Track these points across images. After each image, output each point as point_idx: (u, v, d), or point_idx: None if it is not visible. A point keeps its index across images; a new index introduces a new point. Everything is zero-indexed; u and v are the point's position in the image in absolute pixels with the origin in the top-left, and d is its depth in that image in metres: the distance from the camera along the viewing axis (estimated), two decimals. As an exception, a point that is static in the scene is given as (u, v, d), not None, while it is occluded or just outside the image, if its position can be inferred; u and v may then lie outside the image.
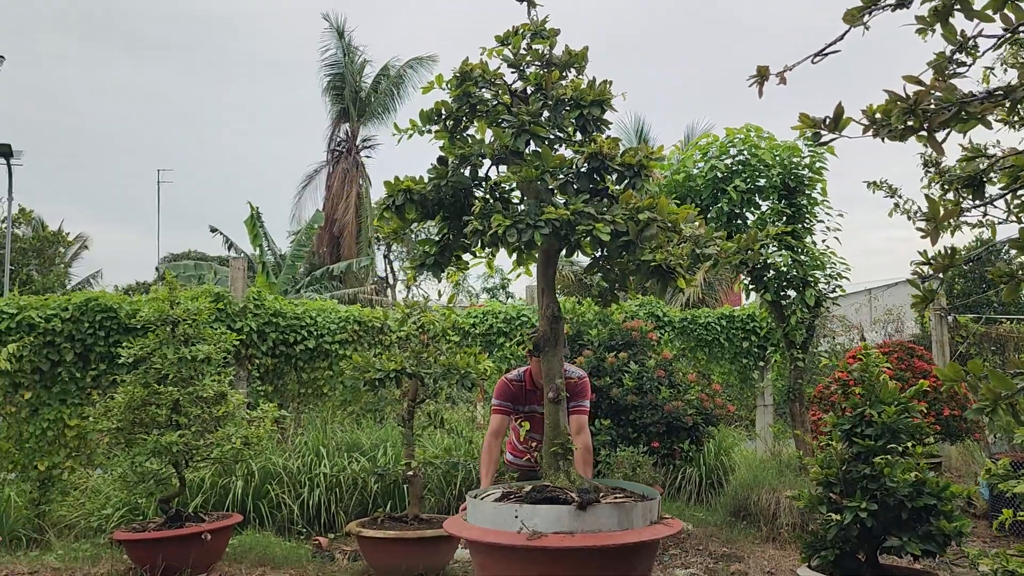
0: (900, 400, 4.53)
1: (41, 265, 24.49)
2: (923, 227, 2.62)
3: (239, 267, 8.39)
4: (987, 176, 3.10)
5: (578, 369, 4.84)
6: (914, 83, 2.57)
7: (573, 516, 3.09)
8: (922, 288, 2.72)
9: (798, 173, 7.71)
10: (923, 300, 2.73)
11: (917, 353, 8.67)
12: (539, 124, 3.38)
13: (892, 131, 2.47)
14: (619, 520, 3.07)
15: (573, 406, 4.59)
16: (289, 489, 6.91)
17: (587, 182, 3.42)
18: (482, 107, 3.55)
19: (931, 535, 4.21)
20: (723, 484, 8.16)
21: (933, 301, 2.75)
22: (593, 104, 3.56)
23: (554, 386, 3.40)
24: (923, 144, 2.53)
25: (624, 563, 3.08)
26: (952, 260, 2.58)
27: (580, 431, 4.52)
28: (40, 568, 5.83)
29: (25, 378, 7.25)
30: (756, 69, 2.34)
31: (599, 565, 3.05)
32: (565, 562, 3.06)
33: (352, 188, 27.55)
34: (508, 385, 4.66)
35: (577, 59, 3.67)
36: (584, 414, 4.63)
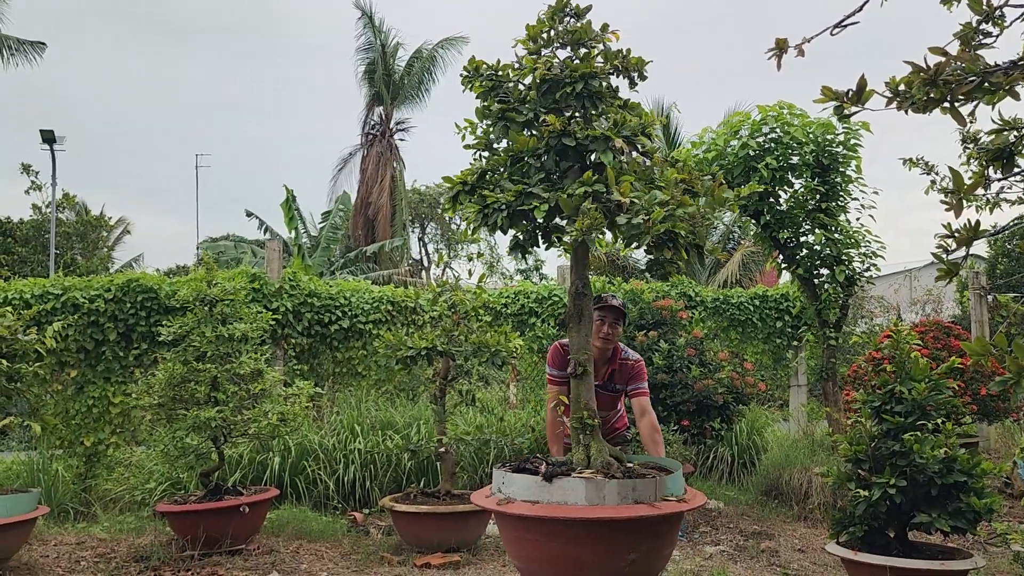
0: (931, 377, 4.51)
1: (85, 249, 25.03)
2: (946, 200, 2.61)
3: (274, 248, 8.54)
4: (1018, 149, 3.07)
5: (635, 352, 4.83)
6: (939, 54, 2.56)
7: (540, 487, 3.19)
8: (946, 261, 2.71)
9: (831, 151, 7.62)
10: (947, 273, 2.73)
11: (954, 332, 8.54)
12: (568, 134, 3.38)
13: (915, 103, 2.47)
14: (587, 495, 3.10)
15: (632, 389, 4.62)
16: (325, 465, 7.06)
17: (553, 161, 3.44)
18: (512, 117, 3.58)
19: (961, 512, 4.20)
20: (755, 463, 8.16)
21: (957, 274, 2.74)
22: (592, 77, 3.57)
23: (575, 361, 3.44)
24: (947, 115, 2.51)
25: (593, 536, 3.10)
26: (976, 233, 2.57)
27: (644, 413, 4.53)
28: (87, 539, 6.05)
29: (71, 357, 7.48)
30: (775, 42, 2.34)
31: (565, 536, 3.12)
32: (531, 529, 3.19)
33: (386, 171, 27.70)
34: (560, 350, 4.59)
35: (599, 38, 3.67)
36: (645, 396, 4.63)
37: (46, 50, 22.42)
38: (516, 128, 3.51)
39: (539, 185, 3.34)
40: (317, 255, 20.82)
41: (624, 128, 3.32)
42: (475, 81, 3.68)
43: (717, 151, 7.61)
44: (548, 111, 3.50)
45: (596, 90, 3.46)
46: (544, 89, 3.52)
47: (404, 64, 28.29)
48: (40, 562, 5.39)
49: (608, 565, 3.08)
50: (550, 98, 3.53)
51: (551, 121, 3.33)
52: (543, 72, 3.49)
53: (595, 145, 3.29)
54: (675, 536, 3.37)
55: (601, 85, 3.48)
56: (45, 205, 24.20)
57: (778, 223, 7.68)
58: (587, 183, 3.17)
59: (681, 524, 3.49)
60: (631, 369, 4.61)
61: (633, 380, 4.60)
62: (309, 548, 5.84)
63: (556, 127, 3.34)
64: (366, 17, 27.36)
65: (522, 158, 3.48)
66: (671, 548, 3.38)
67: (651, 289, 8.06)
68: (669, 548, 3.33)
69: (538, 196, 3.29)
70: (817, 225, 7.70)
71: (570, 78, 3.48)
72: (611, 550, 3.08)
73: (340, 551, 5.79)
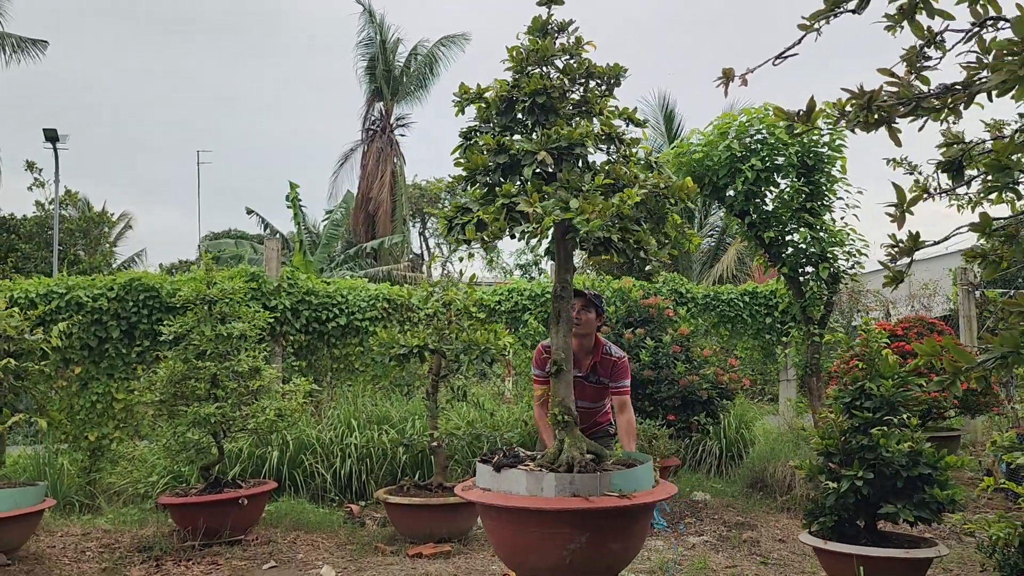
0: (899, 374, 4.70)
1: (87, 245, 25.25)
2: (891, 212, 2.81)
3: (273, 247, 8.74)
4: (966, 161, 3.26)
5: (619, 349, 5.02)
6: (886, 74, 2.76)
7: (492, 476, 3.48)
8: (892, 268, 2.90)
9: (816, 151, 7.81)
10: (893, 280, 2.92)
11: (938, 328, 8.73)
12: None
13: (859, 123, 2.66)
14: (527, 486, 3.35)
15: (615, 386, 4.84)
16: (322, 459, 7.28)
17: (497, 177, 3.69)
18: (474, 138, 3.81)
19: (925, 503, 4.40)
20: (742, 457, 8.37)
21: (902, 281, 2.93)
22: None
23: (552, 360, 3.65)
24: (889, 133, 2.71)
25: (531, 525, 3.33)
26: (916, 244, 2.77)
27: (623, 410, 4.76)
28: (92, 530, 6.28)
29: (75, 354, 7.69)
30: (722, 71, 2.53)
31: (512, 523, 3.41)
32: (486, 514, 3.55)
33: (387, 167, 27.89)
34: (543, 352, 4.81)
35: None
36: (626, 393, 4.85)
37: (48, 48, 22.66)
38: (476, 148, 3.73)
39: (479, 200, 3.56)
40: (318, 251, 21.03)
41: (559, 140, 3.52)
42: (464, 106, 3.89)
43: (704, 153, 7.80)
44: (504, 129, 3.72)
45: (545, 104, 3.66)
46: (503, 108, 3.74)
47: (404, 60, 28.46)
48: (47, 552, 5.62)
49: (550, 553, 3.28)
50: (510, 115, 3.74)
51: (486, 140, 3.57)
52: (499, 92, 3.71)
53: (525, 159, 3.51)
54: (630, 531, 3.45)
55: (550, 99, 3.67)
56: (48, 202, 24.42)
57: (764, 222, 7.88)
58: (506, 195, 3.40)
59: (651, 518, 3.63)
60: (614, 365, 4.79)
61: (616, 377, 4.79)
62: (306, 539, 6.06)
63: (492, 144, 3.57)
64: (367, 13, 27.52)
65: (475, 175, 3.70)
66: (624, 543, 3.44)
67: (640, 287, 8.26)
68: (621, 543, 3.40)
69: (469, 210, 3.53)
70: (802, 224, 7.89)
71: (520, 95, 3.70)
72: (549, 539, 3.29)
73: (336, 541, 6.01)
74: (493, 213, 3.35)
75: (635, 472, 3.49)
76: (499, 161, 3.53)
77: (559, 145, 3.49)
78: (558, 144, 3.50)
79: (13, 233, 23.06)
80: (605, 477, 3.36)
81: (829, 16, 2.42)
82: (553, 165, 3.48)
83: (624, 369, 4.91)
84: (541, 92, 3.64)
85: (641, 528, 3.54)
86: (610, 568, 3.44)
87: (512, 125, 3.73)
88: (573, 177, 3.43)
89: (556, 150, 3.52)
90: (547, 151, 3.44)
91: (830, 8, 2.41)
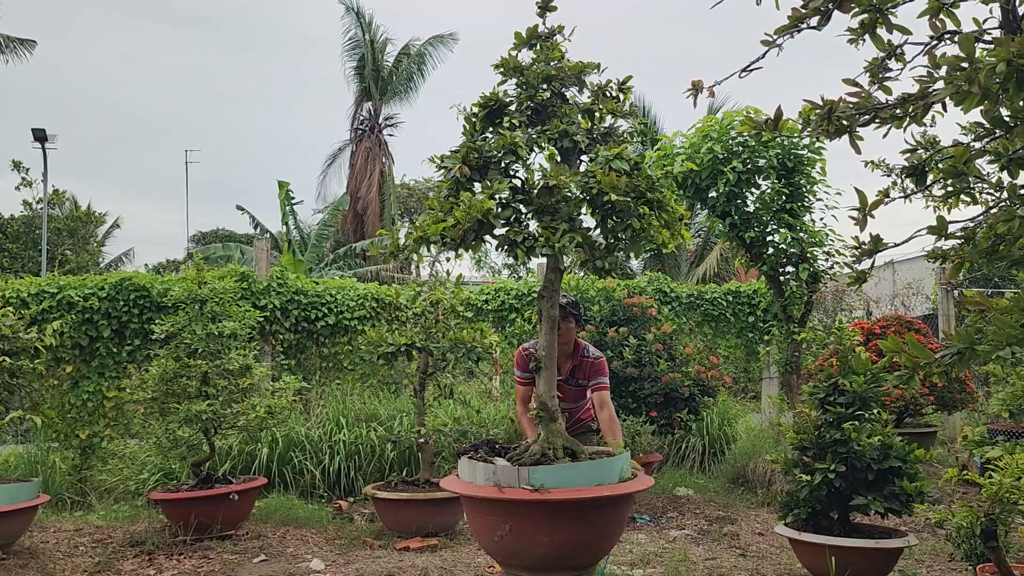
0: (871, 371, 4.86)
1: (75, 245, 25.23)
2: (854, 216, 2.96)
3: (263, 247, 8.85)
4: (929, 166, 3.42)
5: (596, 350, 5.23)
6: (850, 84, 2.91)
7: (459, 465, 3.88)
8: (856, 270, 3.06)
9: (796, 153, 7.98)
10: (856, 280, 3.08)
11: (915, 327, 8.93)
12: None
13: (822, 131, 2.81)
14: (467, 474, 3.76)
15: (594, 383, 5.04)
16: (311, 456, 7.39)
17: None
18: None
19: (895, 495, 4.57)
20: (724, 453, 8.53)
21: (866, 281, 3.09)
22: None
23: (533, 358, 3.81)
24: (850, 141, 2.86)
25: (469, 509, 3.85)
26: (877, 246, 2.92)
27: (603, 406, 4.97)
28: (84, 526, 6.37)
29: (66, 353, 7.78)
30: (691, 83, 2.68)
31: (465, 506, 3.93)
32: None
33: (375, 166, 27.99)
34: (523, 354, 4.99)
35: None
36: (605, 390, 5.05)
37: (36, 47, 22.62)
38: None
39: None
40: (308, 251, 21.10)
41: (487, 150, 3.75)
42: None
43: (686, 155, 7.95)
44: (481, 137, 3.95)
45: (496, 110, 3.97)
46: (483, 116, 3.99)
47: (393, 60, 28.53)
48: (41, 547, 5.72)
49: (485, 536, 3.72)
50: (488, 123, 3.96)
51: (455, 151, 3.81)
52: (476, 104, 3.98)
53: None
54: (555, 526, 3.54)
55: (503, 109, 3.96)
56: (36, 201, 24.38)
57: (745, 223, 8.04)
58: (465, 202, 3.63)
59: (595, 516, 3.62)
60: (591, 365, 4.98)
61: (594, 375, 4.97)
62: (295, 534, 6.17)
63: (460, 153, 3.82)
64: (354, 14, 27.58)
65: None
66: (550, 536, 3.54)
67: (624, 287, 8.41)
68: (546, 536, 3.52)
69: (440, 218, 3.73)
70: (783, 225, 8.06)
71: (485, 105, 3.99)
72: (485, 524, 3.69)
73: (325, 536, 6.13)
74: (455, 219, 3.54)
75: (599, 464, 3.62)
76: (459, 177, 3.75)
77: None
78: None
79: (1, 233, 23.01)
80: (524, 471, 3.52)
81: (792, 31, 2.56)
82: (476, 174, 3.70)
83: (602, 367, 5.09)
84: (492, 100, 3.89)
85: (570, 525, 3.57)
86: (543, 559, 3.57)
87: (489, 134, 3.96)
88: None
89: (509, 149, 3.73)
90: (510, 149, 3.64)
91: (793, 24, 2.55)
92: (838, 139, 2.88)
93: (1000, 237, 2.82)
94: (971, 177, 2.95)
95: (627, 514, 3.98)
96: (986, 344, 2.56)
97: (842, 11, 2.69)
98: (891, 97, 2.70)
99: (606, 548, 3.91)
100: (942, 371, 2.88)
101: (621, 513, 3.83)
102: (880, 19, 2.71)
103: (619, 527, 3.89)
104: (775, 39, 2.53)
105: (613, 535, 3.88)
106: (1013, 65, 2.20)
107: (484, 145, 3.78)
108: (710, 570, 5.22)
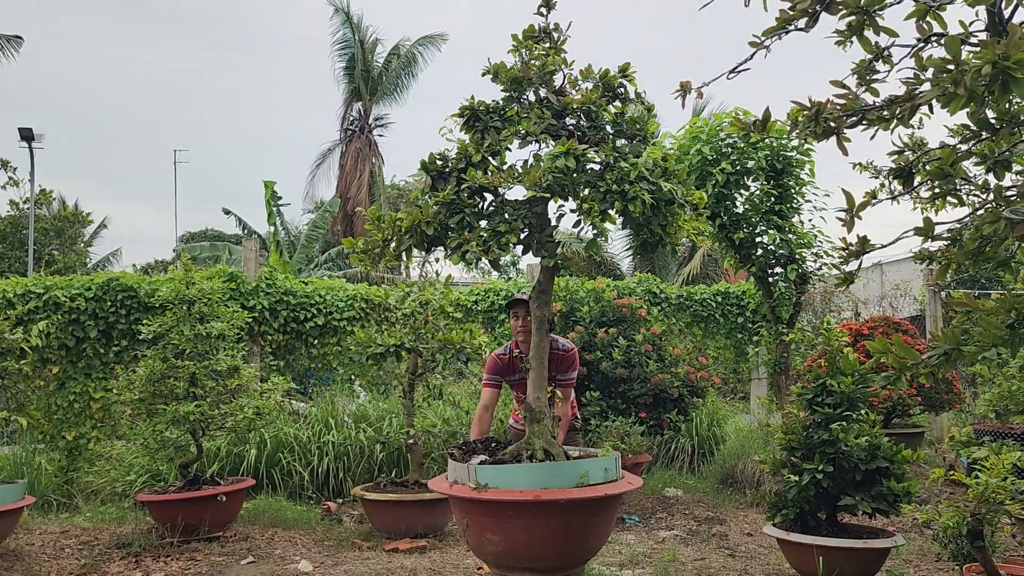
0: (859, 372, 4.88)
1: (62, 245, 25.06)
2: (841, 217, 2.97)
3: (251, 248, 8.81)
4: (916, 168, 3.43)
5: (568, 342, 5.15)
6: (838, 86, 2.92)
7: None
8: (843, 271, 3.07)
9: (785, 155, 8.01)
10: (844, 281, 3.09)
11: (903, 328, 8.97)
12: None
13: (809, 133, 2.82)
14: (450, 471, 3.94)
15: (561, 379, 4.96)
16: (300, 457, 7.36)
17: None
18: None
19: (882, 495, 4.59)
20: (714, 453, 8.55)
21: (853, 282, 3.10)
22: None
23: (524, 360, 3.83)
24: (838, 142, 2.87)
25: (451, 504, 4.02)
26: (864, 247, 2.93)
27: (565, 400, 4.90)
28: (71, 528, 6.33)
29: (53, 354, 7.72)
30: (679, 84, 2.68)
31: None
32: None
33: (365, 167, 27.91)
34: (496, 359, 5.05)
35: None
36: (570, 386, 4.99)
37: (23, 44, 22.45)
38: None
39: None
40: (297, 253, 21.04)
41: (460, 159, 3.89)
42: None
43: (675, 156, 7.97)
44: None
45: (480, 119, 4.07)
46: (461, 125, 4.15)
47: (383, 60, 28.47)
48: (27, 549, 5.67)
49: (459, 526, 3.97)
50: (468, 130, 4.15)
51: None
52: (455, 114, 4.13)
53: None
54: (504, 526, 3.60)
55: (484, 116, 4.07)
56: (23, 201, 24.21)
57: (734, 224, 8.07)
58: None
59: (538, 518, 3.60)
60: (562, 359, 4.95)
61: (563, 369, 4.94)
62: (284, 535, 6.15)
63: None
64: (342, 14, 27.50)
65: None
66: (500, 535, 3.63)
67: (614, 287, 8.42)
68: (496, 534, 3.63)
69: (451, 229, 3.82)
70: (771, 226, 8.09)
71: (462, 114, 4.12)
72: (458, 519, 3.95)
73: (313, 538, 6.11)
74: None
75: (519, 469, 3.65)
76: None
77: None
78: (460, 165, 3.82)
79: (-14, 233, 22.84)
80: (473, 470, 3.61)
81: (780, 33, 2.57)
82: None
83: (572, 361, 5.03)
84: (469, 108, 3.94)
85: (519, 526, 3.58)
86: (499, 556, 3.64)
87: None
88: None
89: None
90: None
91: (780, 26, 2.56)
92: (826, 140, 2.90)
93: (986, 238, 2.83)
94: (958, 179, 2.96)
95: (584, 520, 3.68)
96: (972, 345, 2.58)
97: (830, 13, 2.70)
98: (878, 99, 2.71)
99: (568, 553, 3.70)
100: (929, 372, 2.89)
101: (571, 519, 3.60)
102: (867, 21, 2.72)
103: (578, 533, 3.65)
104: (763, 41, 2.53)
105: (571, 540, 3.65)
106: (999, 67, 2.21)
107: (447, 153, 3.85)
108: (699, 570, 5.23)
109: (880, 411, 7.93)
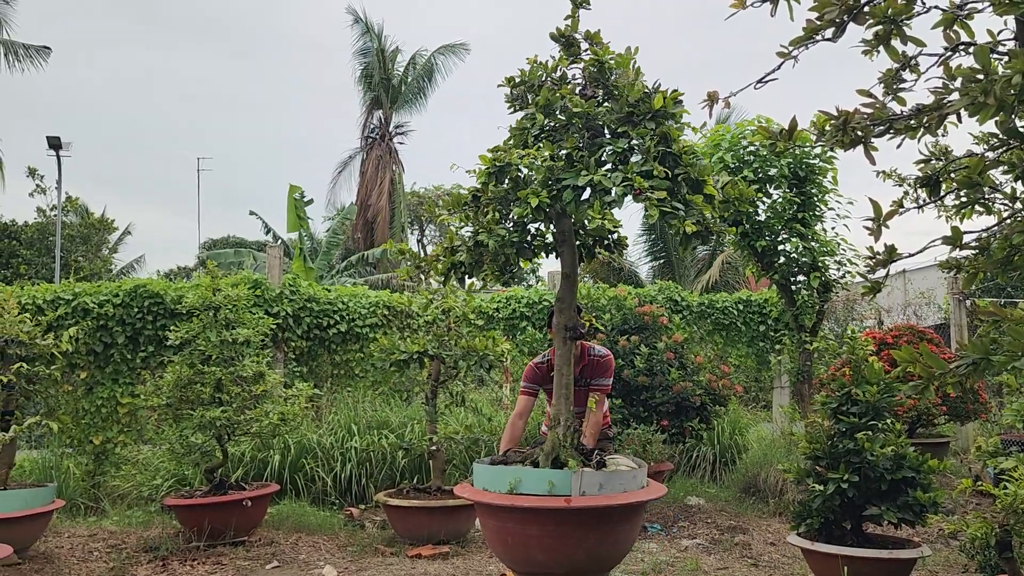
0: (884, 380, 4.86)
1: (88, 251, 25.39)
2: (868, 226, 2.97)
3: (275, 255, 8.89)
4: (943, 176, 3.43)
5: (603, 348, 5.12)
6: (865, 95, 2.93)
7: None
8: (870, 279, 3.07)
9: (808, 162, 7.99)
10: (871, 290, 3.09)
11: (927, 336, 8.89)
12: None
13: (836, 142, 2.83)
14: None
15: (593, 384, 4.94)
16: (323, 463, 7.41)
17: None
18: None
19: (908, 505, 4.56)
20: (736, 462, 8.51)
21: (880, 291, 3.10)
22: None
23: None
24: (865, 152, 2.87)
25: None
26: (892, 256, 2.93)
27: (597, 408, 4.87)
28: (99, 531, 6.41)
29: (81, 359, 7.83)
30: (707, 94, 2.70)
31: None
32: None
33: (385, 174, 28.09)
34: (534, 368, 5.00)
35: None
36: (602, 391, 4.94)
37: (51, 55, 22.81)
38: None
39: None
40: (319, 259, 21.18)
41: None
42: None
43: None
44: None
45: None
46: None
47: (403, 69, 28.66)
48: (56, 552, 5.76)
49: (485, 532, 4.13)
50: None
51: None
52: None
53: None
54: (488, 525, 3.94)
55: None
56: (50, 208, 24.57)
57: (756, 232, 8.05)
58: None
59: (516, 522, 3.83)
60: (598, 363, 4.93)
61: (596, 375, 4.92)
62: (307, 540, 6.20)
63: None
64: (362, 23, 27.73)
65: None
66: (490, 535, 3.94)
67: (635, 295, 8.43)
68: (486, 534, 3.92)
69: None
70: (794, 234, 8.06)
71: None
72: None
73: (337, 543, 6.15)
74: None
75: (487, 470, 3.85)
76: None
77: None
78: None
79: (15, 239, 23.19)
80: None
81: (807, 43, 2.58)
82: None
83: (607, 367, 4.99)
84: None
85: (498, 527, 3.83)
86: (527, 563, 3.76)
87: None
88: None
89: None
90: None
91: (808, 36, 2.58)
92: (852, 149, 2.91)
93: (1015, 247, 2.83)
94: (986, 188, 2.95)
95: (612, 528, 3.79)
96: (1002, 355, 2.57)
97: (857, 23, 2.71)
98: (905, 108, 2.71)
99: (595, 560, 3.77)
100: (957, 381, 2.89)
101: (601, 527, 3.70)
102: (895, 31, 2.73)
103: (606, 539, 3.77)
104: (790, 51, 2.55)
105: (598, 547, 3.75)
106: (1029, 77, 2.21)
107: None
108: (722, 579, 5.22)
109: (904, 421, 7.87)
